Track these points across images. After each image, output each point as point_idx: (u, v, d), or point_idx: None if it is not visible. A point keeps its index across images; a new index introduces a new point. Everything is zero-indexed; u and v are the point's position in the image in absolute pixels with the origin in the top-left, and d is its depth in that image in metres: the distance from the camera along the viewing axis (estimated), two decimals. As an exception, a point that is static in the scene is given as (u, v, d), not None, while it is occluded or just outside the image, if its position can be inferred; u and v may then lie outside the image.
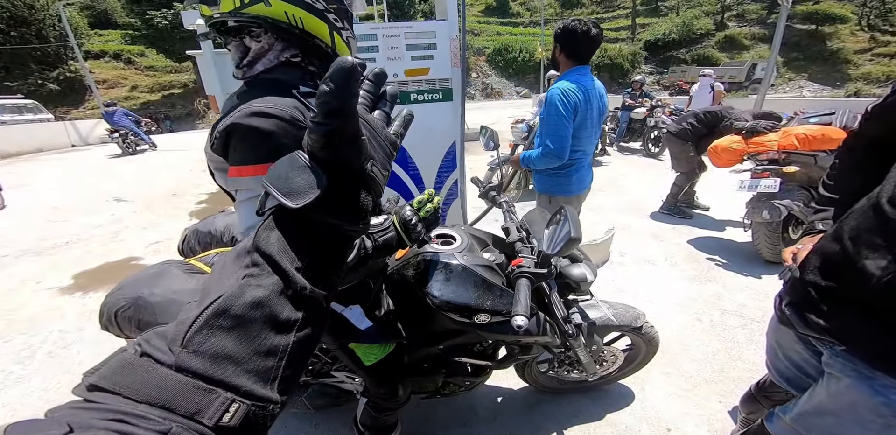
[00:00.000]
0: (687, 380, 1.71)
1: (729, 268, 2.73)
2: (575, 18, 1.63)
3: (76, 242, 3.67)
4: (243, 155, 0.67)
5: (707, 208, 3.94)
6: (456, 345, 1.10)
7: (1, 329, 2.28)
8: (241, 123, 0.66)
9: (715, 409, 1.56)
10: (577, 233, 0.81)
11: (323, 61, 0.81)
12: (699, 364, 1.80)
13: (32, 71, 18.09)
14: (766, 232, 2.62)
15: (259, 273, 0.33)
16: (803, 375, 0.93)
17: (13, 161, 9.14)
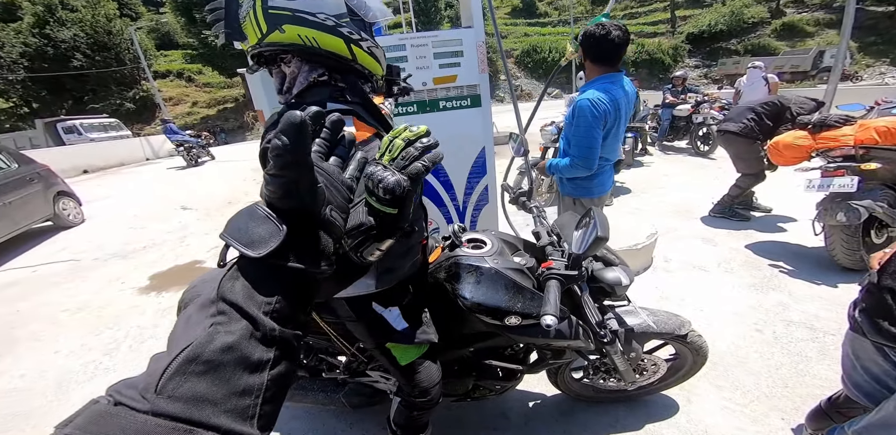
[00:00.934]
0: (743, 394, 1.60)
1: (797, 275, 2.49)
2: (597, 23, 1.59)
3: (152, 247, 4.13)
4: None
5: (769, 210, 3.61)
6: (487, 347, 1.12)
7: (93, 324, 2.63)
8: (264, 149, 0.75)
9: (775, 426, 1.44)
10: (604, 232, 0.81)
11: (348, 75, 0.84)
12: (758, 378, 1.67)
13: (113, 92, 20.56)
14: (843, 236, 2.36)
15: (226, 320, 0.33)
16: (883, 388, 0.85)
17: (101, 175, 10.47)
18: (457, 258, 0.96)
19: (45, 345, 2.42)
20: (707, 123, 5.84)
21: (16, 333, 2.59)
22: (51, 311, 2.87)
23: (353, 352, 1.18)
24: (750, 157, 3.30)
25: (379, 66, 0.86)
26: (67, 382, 2.03)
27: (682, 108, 6.19)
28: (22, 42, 18.58)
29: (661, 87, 7.20)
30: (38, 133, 14.69)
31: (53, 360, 2.26)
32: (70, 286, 3.29)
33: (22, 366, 2.22)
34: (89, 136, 13.66)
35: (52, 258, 4.04)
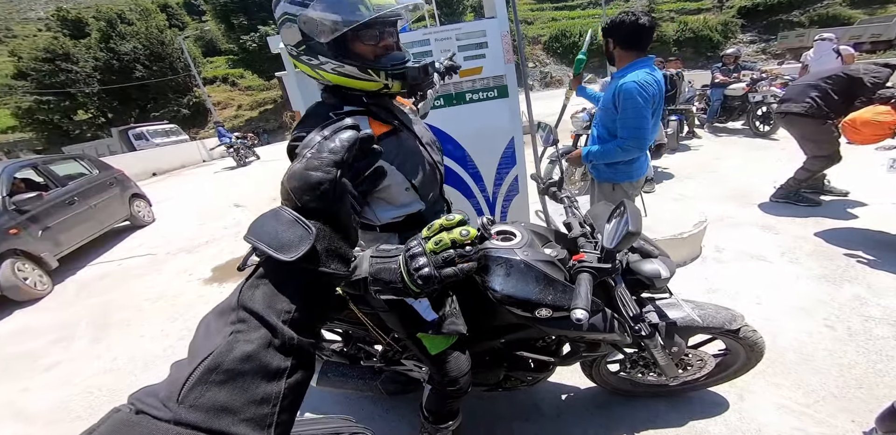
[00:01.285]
0: (806, 394, 1.48)
1: (878, 266, 2.21)
2: (623, 11, 1.67)
3: (212, 242, 4.54)
4: None
5: (845, 193, 3.20)
6: (518, 339, 1.12)
7: (169, 312, 2.96)
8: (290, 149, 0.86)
9: (844, 428, 1.33)
10: (635, 227, 0.78)
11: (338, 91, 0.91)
12: (825, 377, 1.54)
13: (170, 99, 22.56)
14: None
15: (246, 329, 0.34)
16: None
17: (166, 177, 11.57)
18: (486, 250, 0.97)
19: (132, 330, 2.77)
20: (767, 102, 5.35)
21: (109, 319, 2.99)
22: (135, 300, 3.27)
23: (389, 341, 1.24)
24: (821, 138, 2.94)
25: (359, 81, 0.86)
26: (152, 364, 2.32)
27: (735, 87, 5.70)
28: (93, 57, 20.88)
29: (710, 67, 6.61)
30: (114, 141, 16.47)
31: (140, 344, 2.58)
32: (149, 278, 3.73)
33: (115, 349, 2.56)
34: (155, 142, 15.08)
35: (132, 253, 4.58)
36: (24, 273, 3.47)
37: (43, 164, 4.50)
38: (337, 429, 0.68)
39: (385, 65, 0.85)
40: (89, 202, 4.61)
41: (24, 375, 2.41)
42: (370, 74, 0.84)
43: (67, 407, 2.06)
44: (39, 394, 2.20)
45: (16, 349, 2.72)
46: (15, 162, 4.27)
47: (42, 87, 20.25)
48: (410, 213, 0.96)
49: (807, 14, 18.84)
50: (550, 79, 21.61)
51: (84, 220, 4.45)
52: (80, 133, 22.18)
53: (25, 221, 3.68)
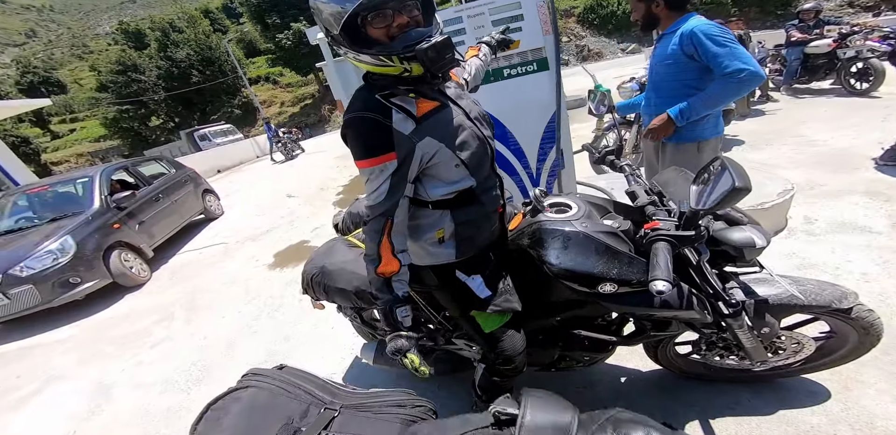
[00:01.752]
0: None
1: None
2: None
3: (272, 230, 4.90)
4: (353, 151, 0.88)
5: None
6: (575, 317, 1.05)
7: (242, 295, 3.27)
8: (342, 132, 0.89)
9: None
10: (742, 182, 0.66)
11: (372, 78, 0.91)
12: None
13: (223, 101, 24.42)
14: None
15: None
16: None
17: (228, 174, 12.62)
18: (540, 223, 0.90)
19: (215, 312, 3.10)
20: (863, 57, 4.62)
21: (197, 302, 3.38)
22: (215, 284, 3.66)
23: (440, 320, 1.23)
24: None
25: (382, 68, 0.84)
26: (233, 342, 2.58)
27: (818, 43, 5.04)
28: (155, 66, 23.16)
29: (782, 25, 5.73)
30: (183, 143, 18.30)
31: (221, 323, 2.88)
32: (224, 264, 4.14)
33: (203, 328, 2.89)
34: (216, 142, 16.46)
35: (208, 242, 5.09)
36: (129, 263, 4.01)
37: (132, 165, 5.10)
38: (399, 401, 0.70)
39: (396, 48, 0.79)
40: (171, 198, 5.17)
41: (137, 350, 2.81)
42: (383, 60, 0.80)
43: (172, 379, 2.34)
44: (150, 367, 2.55)
45: (129, 329, 3.17)
46: (111, 165, 4.88)
47: (120, 97, 23.01)
48: (462, 189, 0.93)
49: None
50: (588, 52, 19.92)
51: (168, 214, 5.00)
52: (156, 138, 24.99)
53: (124, 217, 4.22)
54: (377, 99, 0.84)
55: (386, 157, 0.83)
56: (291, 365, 0.86)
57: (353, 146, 0.87)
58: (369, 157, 0.84)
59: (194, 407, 2.03)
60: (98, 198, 4.12)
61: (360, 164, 0.87)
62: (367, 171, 0.86)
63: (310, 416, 0.66)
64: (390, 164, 0.84)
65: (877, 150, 2.87)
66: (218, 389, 2.11)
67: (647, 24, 1.74)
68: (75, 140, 31.61)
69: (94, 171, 4.46)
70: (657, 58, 1.75)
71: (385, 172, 0.84)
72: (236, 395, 0.74)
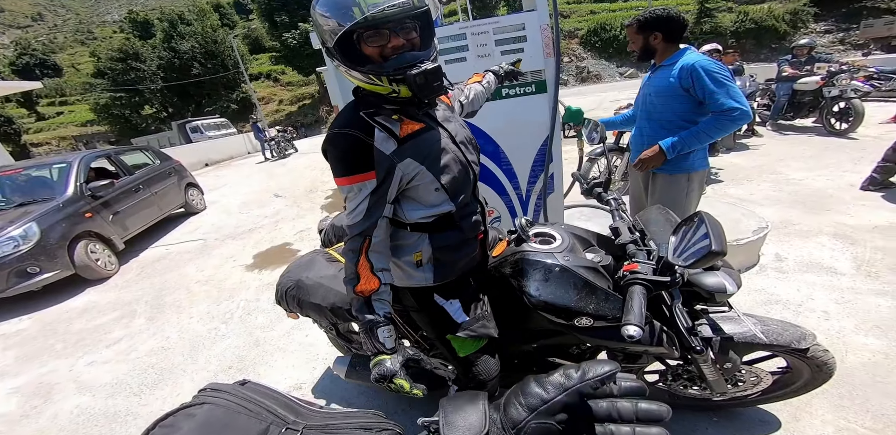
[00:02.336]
0: (876, 418, 1.33)
1: (976, 286, 1.93)
2: (661, 7, 1.76)
3: (254, 230, 4.80)
4: (333, 168, 0.88)
5: None
6: (551, 345, 1.07)
7: (215, 295, 3.17)
8: (323, 148, 0.88)
9: None
10: (719, 246, 0.69)
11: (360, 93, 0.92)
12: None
13: (221, 95, 24.25)
14: None
15: None
16: None
17: (216, 168, 12.38)
18: (523, 253, 0.92)
19: (183, 311, 2.99)
20: (846, 96, 4.75)
21: (164, 299, 3.25)
22: (187, 282, 3.53)
23: (417, 338, 1.23)
24: None
25: (371, 85, 0.84)
26: (198, 345, 2.47)
27: (807, 80, 5.14)
28: (157, 56, 22.90)
29: (775, 59, 6.02)
30: (174, 133, 18.05)
31: (188, 324, 2.77)
32: (199, 262, 4.01)
33: (167, 328, 2.76)
34: (208, 135, 16.30)
35: (186, 238, 4.94)
36: (96, 254, 3.84)
37: (115, 154, 4.96)
38: (367, 424, 0.69)
39: (386, 69, 0.79)
40: (152, 190, 5.04)
41: (91, 348, 2.65)
42: (372, 79, 0.81)
43: (124, 382, 2.20)
44: (102, 368, 2.40)
45: (86, 325, 3.00)
46: (92, 152, 4.75)
47: (116, 84, 22.59)
48: (440, 213, 0.94)
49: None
50: (587, 74, 20.62)
51: (147, 206, 4.86)
52: (146, 126, 24.53)
53: (99, 206, 4.08)
54: (361, 116, 0.84)
55: (365, 176, 0.84)
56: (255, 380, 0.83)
57: (333, 163, 0.87)
58: (348, 175, 0.85)
59: (144, 413, 1.93)
60: (73, 185, 3.98)
61: (340, 182, 0.87)
62: (345, 189, 0.87)
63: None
64: (369, 183, 0.84)
65: (849, 192, 3.06)
66: (174, 394, 2.06)
67: (644, 56, 1.79)
68: (60, 123, 30.60)
69: (73, 157, 4.33)
70: (653, 89, 1.78)
71: (364, 191, 0.85)
72: (190, 411, 0.69)
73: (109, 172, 4.80)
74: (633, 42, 1.79)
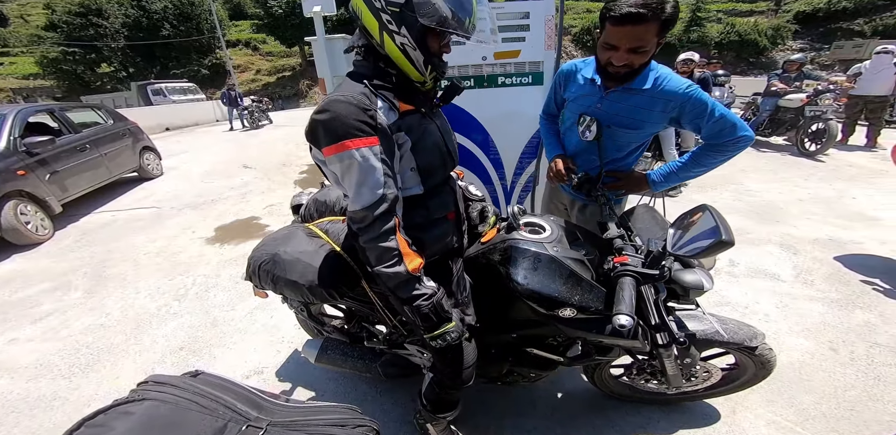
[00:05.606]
0: (798, 412, 1.48)
1: (894, 295, 2.17)
2: None
3: (218, 201, 4.51)
4: (325, 136, 0.80)
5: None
6: (529, 335, 1.08)
7: (168, 269, 2.94)
8: (313, 119, 0.80)
9: None
10: (728, 236, 0.71)
11: (375, 59, 0.86)
12: (820, 397, 1.54)
13: (192, 59, 22.51)
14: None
15: None
16: None
17: (179, 132, 11.51)
18: (514, 241, 0.91)
19: (128, 284, 2.74)
20: (825, 118, 4.79)
21: (107, 271, 2.97)
22: (135, 253, 3.26)
23: (395, 323, 1.20)
24: None
25: (411, 66, 0.85)
26: (144, 323, 2.25)
27: (792, 97, 5.11)
28: (123, 14, 20.77)
29: (751, 72, 6.23)
30: (133, 94, 16.83)
31: (134, 299, 2.54)
32: (151, 231, 3.72)
33: (109, 303, 2.52)
34: (172, 99, 15.32)
35: (137, 205, 4.56)
36: (26, 217, 3.44)
37: (60, 110, 4.46)
38: (340, 420, 0.63)
39: (442, 68, 0.88)
40: (100, 150, 4.61)
41: (14, 324, 2.34)
42: (417, 63, 0.84)
43: (52, 363, 1.98)
44: (25, 347, 2.13)
45: (9, 297, 2.66)
46: (31, 106, 4.24)
47: (70, 39, 20.34)
48: (408, 195, 0.92)
49: (871, 23, 17.62)
50: None
51: (93, 167, 4.45)
52: (101, 85, 22.39)
53: (34, 164, 3.65)
54: (366, 86, 0.83)
55: (366, 141, 0.78)
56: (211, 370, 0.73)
57: (326, 130, 0.78)
58: (345, 139, 0.77)
59: (74, 398, 1.75)
60: (5, 138, 3.53)
61: (334, 149, 0.78)
62: (336, 158, 0.78)
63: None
64: (372, 148, 0.78)
65: (797, 206, 3.31)
66: (113, 377, 1.88)
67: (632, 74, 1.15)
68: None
69: (8, 110, 3.84)
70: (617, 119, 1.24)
71: (368, 161, 0.78)
72: (126, 408, 0.56)
73: (51, 129, 4.31)
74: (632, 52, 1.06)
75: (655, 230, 0.98)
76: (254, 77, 24.17)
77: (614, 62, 1.09)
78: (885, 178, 4.10)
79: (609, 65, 1.12)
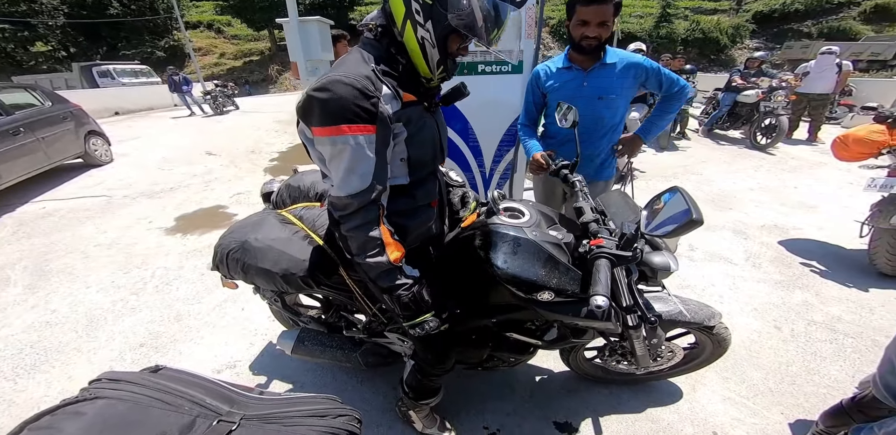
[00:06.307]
0: (748, 387, 1.61)
1: (828, 276, 2.39)
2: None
3: (178, 189, 4.23)
4: (320, 115, 0.75)
5: None
6: (509, 320, 1.10)
7: (122, 261, 2.73)
8: (311, 96, 0.75)
9: (773, 419, 1.46)
10: (698, 215, 0.75)
11: (388, 43, 0.82)
12: (766, 373, 1.67)
13: (145, 40, 20.73)
14: (891, 241, 2.22)
15: None
16: None
17: (131, 117, 10.63)
18: (493, 226, 0.91)
19: (77, 279, 2.53)
20: (777, 114, 5.20)
21: (51, 265, 2.72)
22: (83, 245, 3.00)
23: (374, 312, 1.18)
24: None
25: (424, 62, 0.83)
26: (98, 320, 2.11)
27: (749, 93, 5.45)
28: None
29: (712, 69, 6.57)
30: (74, 76, 15.43)
31: (84, 295, 2.35)
32: (101, 222, 3.43)
33: (55, 299, 2.32)
34: (121, 81, 14.26)
35: (85, 193, 4.19)
36: (-46, 206, 3.10)
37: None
38: (320, 410, 0.61)
39: (453, 70, 0.87)
40: (37, 135, 4.20)
41: None
42: (431, 60, 0.82)
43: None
44: None
45: None
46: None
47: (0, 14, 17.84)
48: (393, 184, 0.90)
49: (818, 25, 18.79)
50: None
51: (28, 152, 4.06)
52: (35, 65, 20.17)
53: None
54: (373, 70, 0.78)
55: (363, 128, 0.74)
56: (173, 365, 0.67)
57: (321, 110, 0.74)
58: (340, 124, 0.73)
59: (21, 400, 1.62)
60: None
61: (326, 132, 0.75)
62: (329, 141, 0.75)
63: (196, 431, 0.52)
64: (367, 136, 0.75)
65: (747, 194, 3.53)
66: (65, 377, 1.74)
67: (598, 49, 1.48)
68: None
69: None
70: (600, 90, 1.55)
71: (362, 149, 0.75)
72: (76, 408, 0.51)
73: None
74: (600, 25, 1.39)
75: (628, 214, 1.02)
76: (217, 60, 22.59)
77: (588, 34, 1.41)
78: (822, 170, 4.49)
79: (584, 38, 1.43)
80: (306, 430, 0.55)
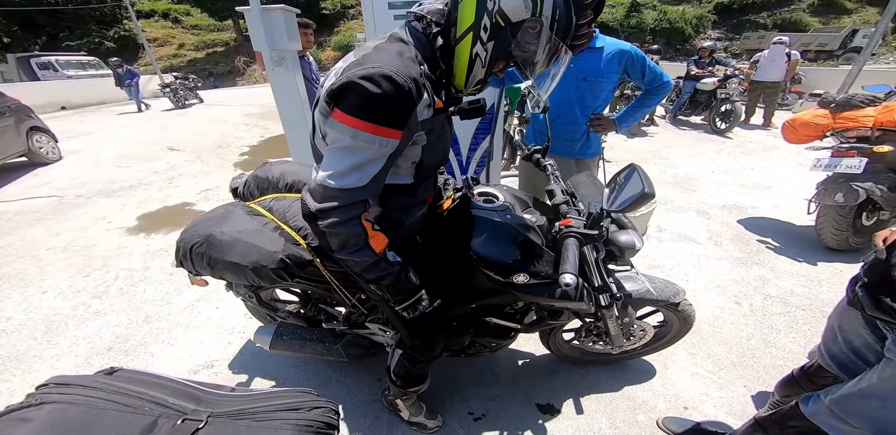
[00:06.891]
0: (714, 362, 1.69)
1: (781, 252, 2.56)
2: None
3: (139, 187, 3.99)
4: (357, 106, 0.69)
5: None
6: (488, 305, 1.12)
7: (80, 264, 2.57)
8: (356, 82, 0.67)
9: (738, 392, 1.54)
10: (650, 188, 0.78)
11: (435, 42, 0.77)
12: (729, 347, 1.76)
13: (91, 30, 19.03)
14: (835, 217, 2.39)
15: None
16: (860, 360, 0.92)
17: (80, 112, 9.86)
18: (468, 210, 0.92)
19: (30, 284, 2.36)
20: (732, 100, 5.55)
21: (0, 271, 2.53)
22: (35, 248, 2.80)
23: (354, 303, 1.17)
24: None
25: (465, 76, 0.79)
26: (57, 326, 1.99)
27: (707, 81, 5.79)
28: None
29: (687, 59, 6.81)
30: (11, 68, 14.06)
31: (40, 301, 2.21)
32: (53, 223, 3.20)
33: (8, 306, 2.17)
34: (66, 74, 13.08)
35: (32, 193, 3.89)
36: None
37: None
38: (295, 404, 0.59)
39: (484, 88, 0.87)
40: None
41: None
42: (475, 73, 0.79)
43: None
44: None
45: None
46: None
47: None
48: (396, 183, 0.88)
49: (772, 17, 19.70)
50: None
51: None
52: None
53: None
54: (421, 73, 0.73)
55: (392, 132, 0.70)
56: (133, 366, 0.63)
57: (362, 101, 0.68)
58: (375, 123, 0.68)
59: None
60: None
61: (355, 123, 0.69)
62: (350, 131, 0.69)
63: (158, 432, 0.49)
64: (391, 141, 0.71)
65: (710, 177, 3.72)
66: (28, 386, 1.64)
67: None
68: None
69: None
70: (584, 72, 1.67)
71: (380, 150, 0.71)
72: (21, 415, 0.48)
73: None
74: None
75: (595, 194, 1.05)
76: (176, 52, 21.10)
77: None
78: (776, 153, 4.78)
79: None
80: (280, 423, 0.54)
